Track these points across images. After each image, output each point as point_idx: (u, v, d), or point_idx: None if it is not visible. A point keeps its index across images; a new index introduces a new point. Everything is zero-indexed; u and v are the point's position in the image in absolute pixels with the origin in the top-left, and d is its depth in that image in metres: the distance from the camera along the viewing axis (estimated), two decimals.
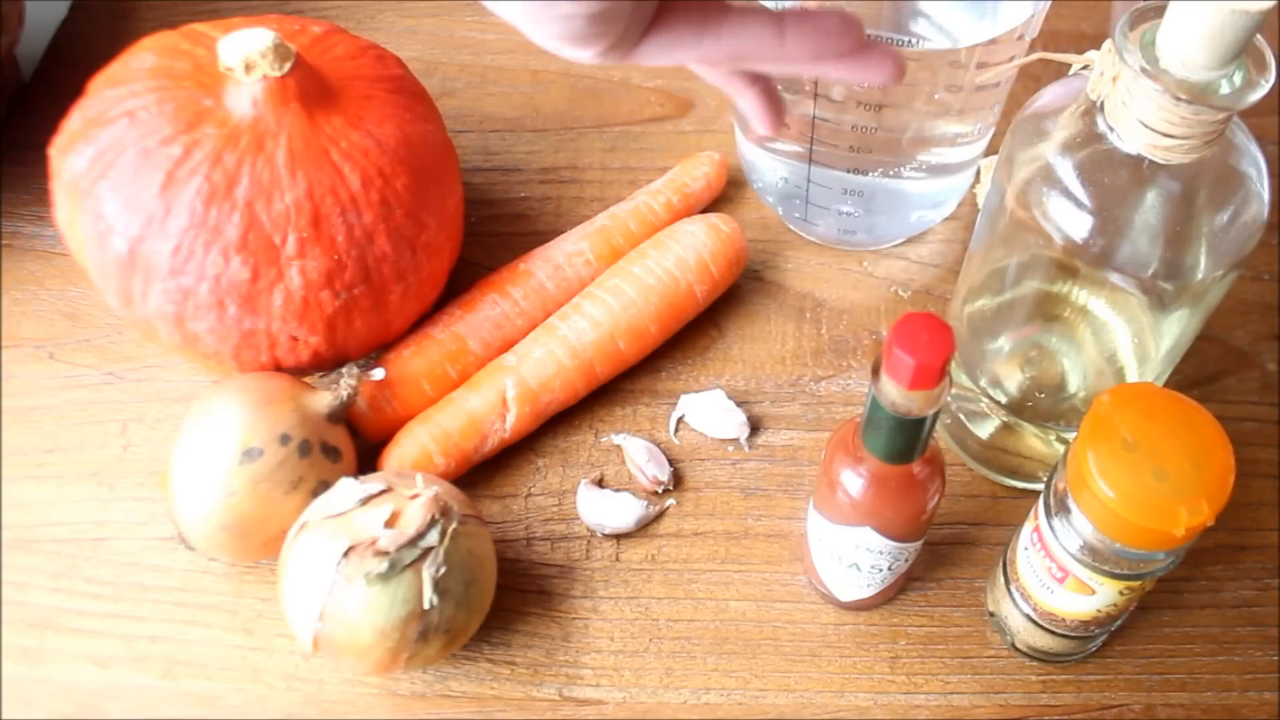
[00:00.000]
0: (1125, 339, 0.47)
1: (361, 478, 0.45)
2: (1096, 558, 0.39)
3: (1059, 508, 0.40)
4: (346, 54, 0.51)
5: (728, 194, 0.61)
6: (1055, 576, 0.41)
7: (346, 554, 0.41)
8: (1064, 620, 0.43)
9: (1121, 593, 0.40)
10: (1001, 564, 0.46)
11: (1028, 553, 0.43)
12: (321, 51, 0.50)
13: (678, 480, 0.52)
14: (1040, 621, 0.44)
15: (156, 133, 0.45)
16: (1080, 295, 0.46)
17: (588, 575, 0.50)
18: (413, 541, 0.41)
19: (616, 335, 0.53)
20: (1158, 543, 0.37)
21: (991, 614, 0.48)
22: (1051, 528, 0.40)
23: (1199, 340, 0.46)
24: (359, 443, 0.50)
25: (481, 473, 0.52)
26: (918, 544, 0.44)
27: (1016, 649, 0.47)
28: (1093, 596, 0.41)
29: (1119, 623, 0.44)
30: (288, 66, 0.46)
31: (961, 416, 0.52)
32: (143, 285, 0.46)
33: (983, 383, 0.50)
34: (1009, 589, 0.45)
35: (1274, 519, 0.51)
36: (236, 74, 0.46)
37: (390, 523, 0.42)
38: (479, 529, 0.45)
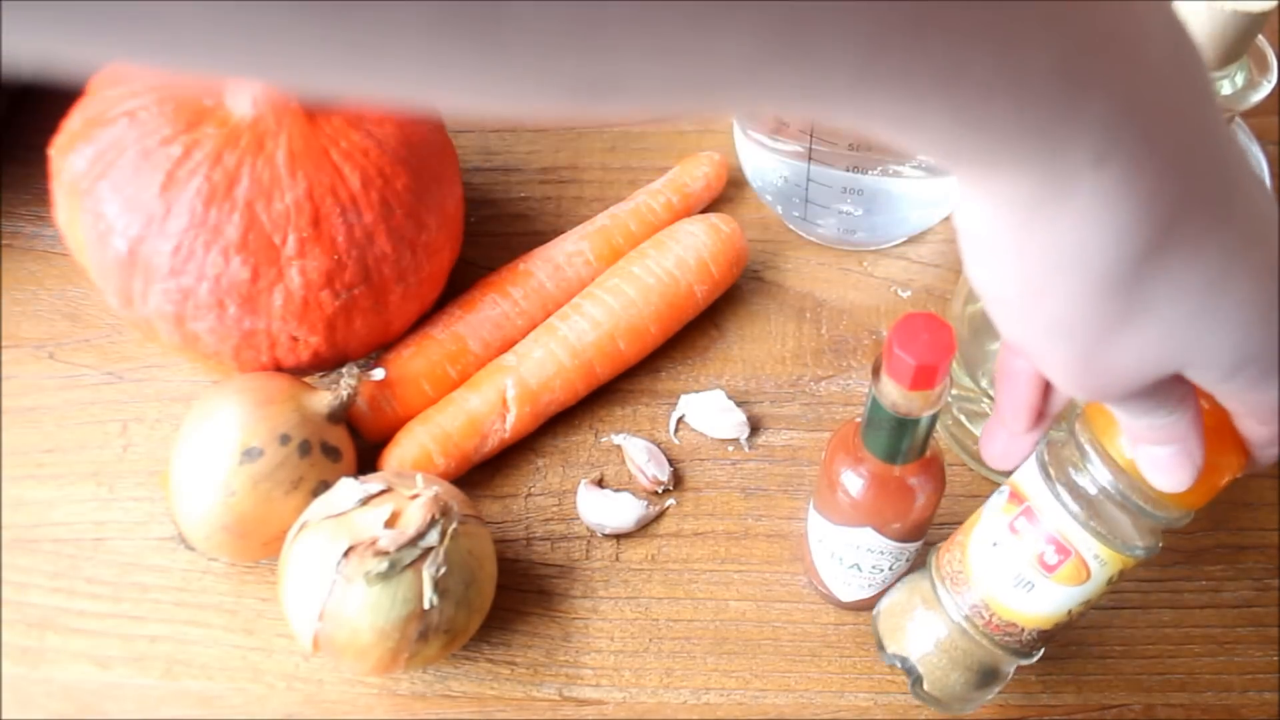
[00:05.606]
0: None
1: (361, 478, 0.45)
2: (1107, 525, 0.36)
3: (1069, 463, 0.37)
4: None
5: (728, 194, 0.61)
6: (1047, 563, 0.38)
7: (346, 554, 0.41)
8: (1020, 630, 0.40)
9: (1111, 579, 0.38)
10: (931, 579, 0.42)
11: (998, 549, 0.39)
12: None
13: (678, 480, 0.52)
14: (983, 634, 0.40)
15: (156, 132, 0.45)
16: None
17: (588, 575, 0.49)
18: (413, 541, 0.41)
19: (616, 335, 0.53)
20: (1194, 495, 0.34)
21: (896, 656, 0.42)
22: (1056, 494, 0.37)
23: None
24: (359, 443, 0.50)
25: (481, 473, 0.52)
26: (918, 544, 0.44)
27: (918, 693, 0.42)
28: (1080, 587, 0.38)
29: (1053, 638, 0.41)
30: None
31: (962, 417, 0.52)
32: (143, 285, 0.46)
33: (983, 383, 0.49)
34: (942, 603, 0.41)
35: (1274, 519, 0.51)
36: None
37: (390, 523, 0.42)
38: (479, 529, 0.45)
